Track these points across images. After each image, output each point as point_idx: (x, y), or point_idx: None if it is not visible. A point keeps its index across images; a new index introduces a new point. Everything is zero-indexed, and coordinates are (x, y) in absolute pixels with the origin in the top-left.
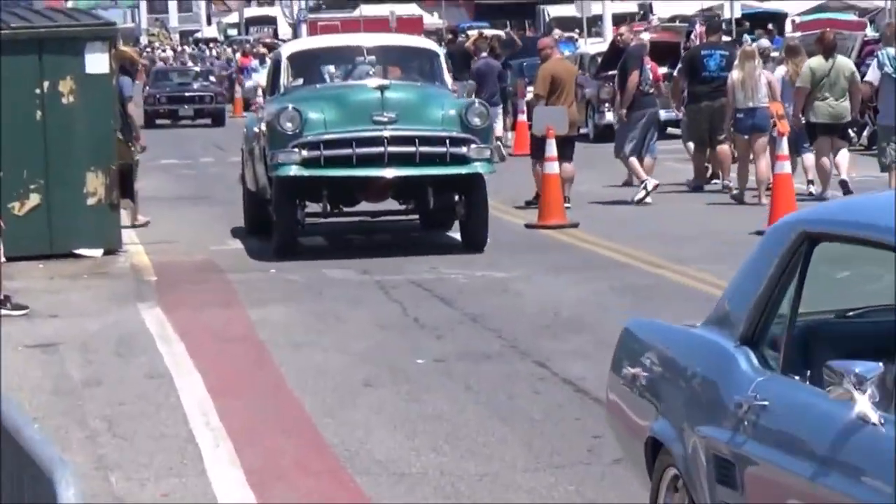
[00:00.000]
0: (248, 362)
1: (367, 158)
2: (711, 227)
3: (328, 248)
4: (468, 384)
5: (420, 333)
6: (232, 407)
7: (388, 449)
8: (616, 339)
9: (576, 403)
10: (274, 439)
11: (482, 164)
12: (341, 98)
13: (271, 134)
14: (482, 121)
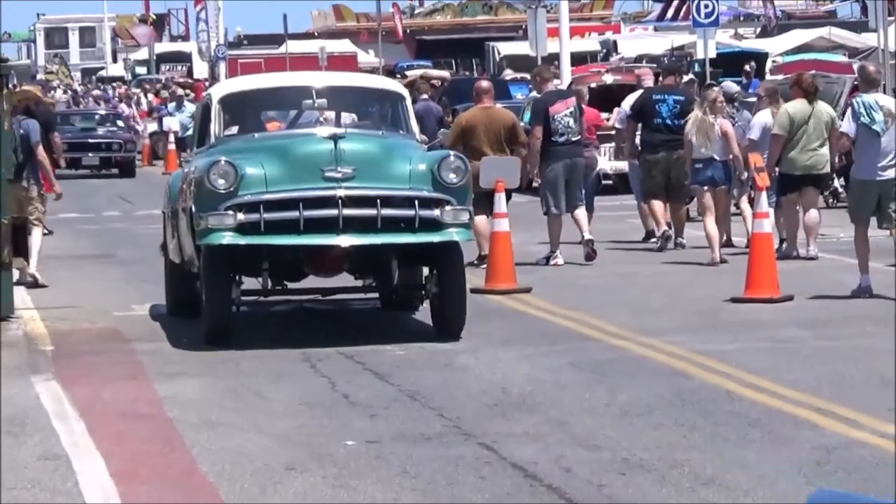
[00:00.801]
0: (155, 443)
1: (318, 224)
2: (681, 294)
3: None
4: (405, 469)
5: (350, 412)
6: (137, 493)
7: None
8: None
9: (525, 491)
10: None
11: (459, 231)
12: (285, 150)
13: (199, 193)
14: (459, 177)
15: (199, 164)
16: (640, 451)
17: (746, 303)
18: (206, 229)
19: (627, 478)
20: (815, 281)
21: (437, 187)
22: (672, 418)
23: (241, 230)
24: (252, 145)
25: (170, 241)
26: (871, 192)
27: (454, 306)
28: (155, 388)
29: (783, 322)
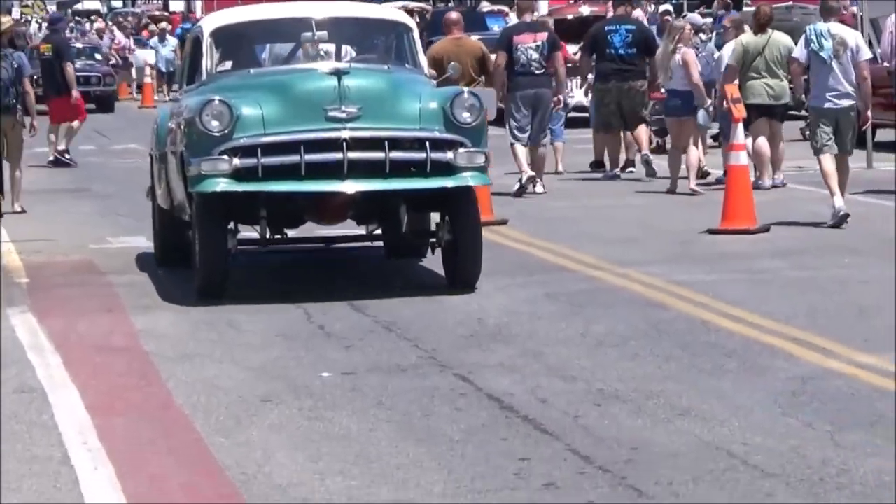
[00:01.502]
0: (131, 376)
1: (321, 168)
2: (657, 226)
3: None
4: (380, 400)
5: (326, 343)
6: (113, 426)
7: (290, 473)
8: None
9: (501, 422)
10: (160, 462)
11: (474, 175)
12: (285, 87)
13: (191, 136)
14: (473, 116)
15: (190, 103)
16: (615, 382)
17: (723, 234)
18: (199, 175)
19: (603, 408)
20: (790, 212)
21: (450, 127)
22: (648, 349)
23: (237, 176)
24: (248, 83)
25: (158, 185)
26: (827, 120)
27: (469, 255)
28: (131, 321)
29: (759, 253)
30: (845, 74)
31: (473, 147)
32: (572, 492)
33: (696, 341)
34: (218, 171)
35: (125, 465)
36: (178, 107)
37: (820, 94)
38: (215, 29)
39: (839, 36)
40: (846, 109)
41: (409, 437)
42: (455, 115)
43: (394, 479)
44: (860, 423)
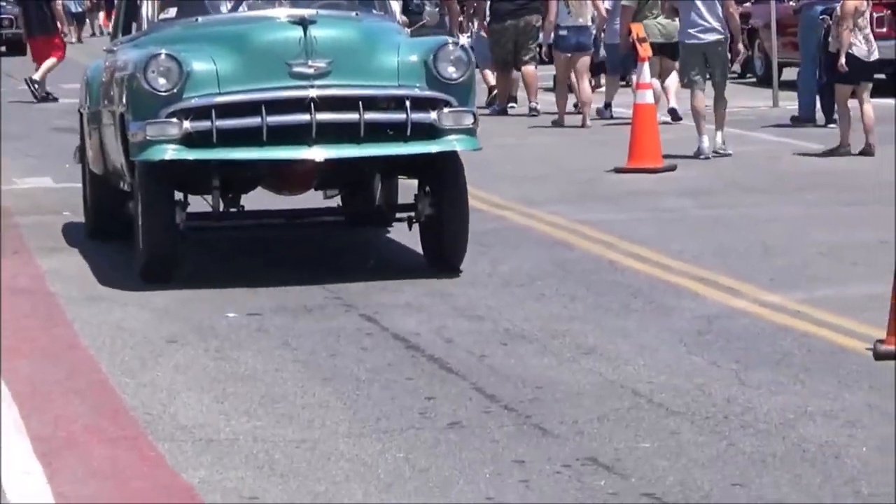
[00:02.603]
0: (36, 317)
1: (285, 132)
2: (562, 165)
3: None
4: (286, 340)
5: (231, 283)
6: (18, 367)
7: (195, 413)
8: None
9: (407, 362)
10: (65, 403)
11: (461, 139)
12: (242, 39)
13: (134, 95)
14: (460, 71)
15: (130, 56)
16: (521, 322)
17: (629, 173)
18: (143, 142)
19: (508, 348)
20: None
21: (433, 84)
22: (554, 289)
23: (187, 142)
24: (197, 33)
25: (89, 147)
26: (695, 55)
27: (455, 232)
28: (37, 263)
29: (666, 192)
30: (710, 10)
31: (460, 106)
32: (477, 430)
33: (602, 280)
34: (166, 136)
35: (30, 407)
36: (115, 60)
37: (687, 29)
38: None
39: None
40: (713, 44)
41: (315, 377)
42: (439, 70)
43: (299, 419)
44: (765, 362)
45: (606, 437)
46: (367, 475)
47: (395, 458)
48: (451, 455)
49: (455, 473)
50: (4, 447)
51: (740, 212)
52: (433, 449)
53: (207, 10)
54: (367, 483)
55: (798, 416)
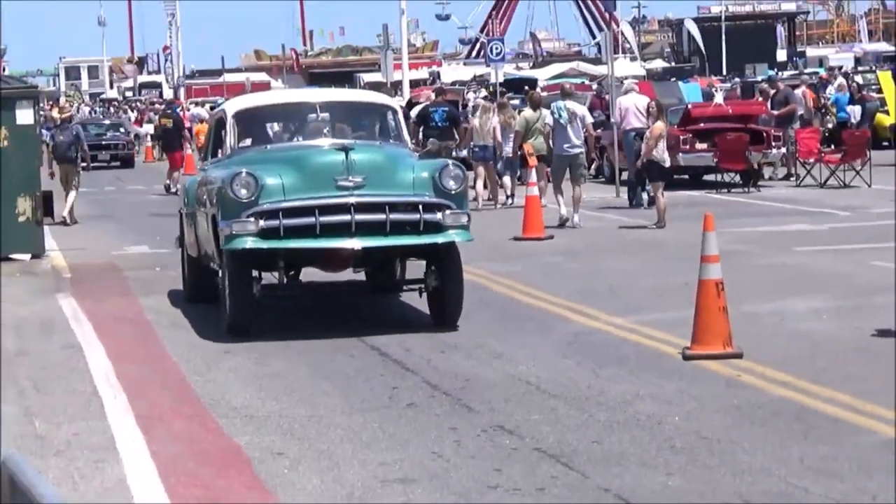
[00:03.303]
0: (138, 337)
1: (332, 228)
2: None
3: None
4: (300, 351)
5: (271, 312)
6: (127, 370)
7: (242, 398)
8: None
9: (380, 364)
10: (157, 393)
11: (458, 232)
12: (301, 161)
13: (223, 201)
14: (458, 184)
15: (220, 174)
16: (455, 337)
17: (524, 241)
18: (230, 235)
19: (446, 354)
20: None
21: (438, 193)
22: (477, 315)
23: (262, 235)
24: (267, 156)
25: (187, 237)
26: (563, 163)
27: (453, 299)
28: (139, 301)
29: (547, 252)
30: (575, 133)
31: (458, 209)
32: (426, 409)
33: (508, 310)
34: (246, 232)
35: (134, 395)
36: (206, 176)
37: (561, 146)
38: (237, 111)
39: (570, 109)
40: (576, 156)
41: (320, 375)
42: (443, 183)
43: (310, 402)
44: (612, 362)
45: (510, 413)
46: (354, 438)
47: (373, 427)
48: (408, 425)
49: (412, 437)
50: (118, 423)
51: (595, 265)
52: (397, 421)
53: (272, 140)
54: (353, 443)
55: (633, 397)
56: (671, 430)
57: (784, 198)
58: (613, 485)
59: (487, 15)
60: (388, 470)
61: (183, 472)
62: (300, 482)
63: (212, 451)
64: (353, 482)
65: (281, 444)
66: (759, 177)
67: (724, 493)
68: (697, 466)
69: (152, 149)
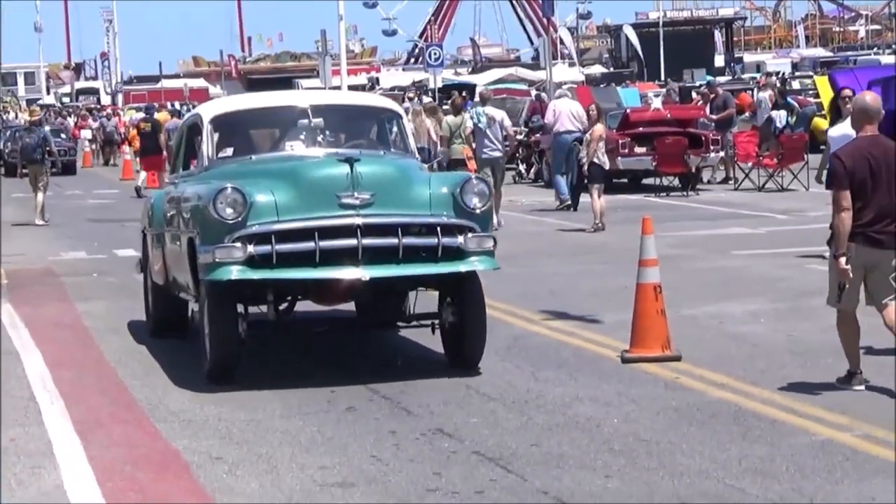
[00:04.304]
0: (76, 343)
1: (335, 254)
2: None
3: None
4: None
5: None
6: (64, 375)
7: (180, 403)
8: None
9: (322, 370)
10: (95, 398)
11: (482, 259)
12: (296, 175)
13: (204, 223)
14: (482, 202)
15: (197, 190)
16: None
17: None
18: (212, 264)
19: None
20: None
21: (459, 212)
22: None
23: (250, 263)
24: (254, 169)
25: (153, 262)
26: (484, 166)
27: (474, 337)
28: (76, 307)
29: None
30: (495, 137)
31: (481, 232)
32: (365, 413)
33: None
34: (231, 259)
35: (72, 400)
36: (179, 191)
37: (481, 149)
38: (215, 116)
39: (489, 115)
40: (496, 158)
41: (261, 381)
42: (465, 201)
43: (249, 406)
44: (551, 365)
45: (449, 416)
46: (293, 442)
47: (311, 430)
48: (347, 428)
49: (351, 440)
50: (55, 428)
51: (534, 269)
52: (336, 425)
53: (257, 150)
54: (292, 447)
55: (572, 399)
56: (610, 432)
57: (722, 201)
58: (552, 487)
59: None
60: (326, 474)
61: (121, 477)
62: (238, 486)
63: (150, 456)
64: (291, 486)
65: (219, 448)
66: (698, 180)
67: (662, 495)
68: (636, 468)
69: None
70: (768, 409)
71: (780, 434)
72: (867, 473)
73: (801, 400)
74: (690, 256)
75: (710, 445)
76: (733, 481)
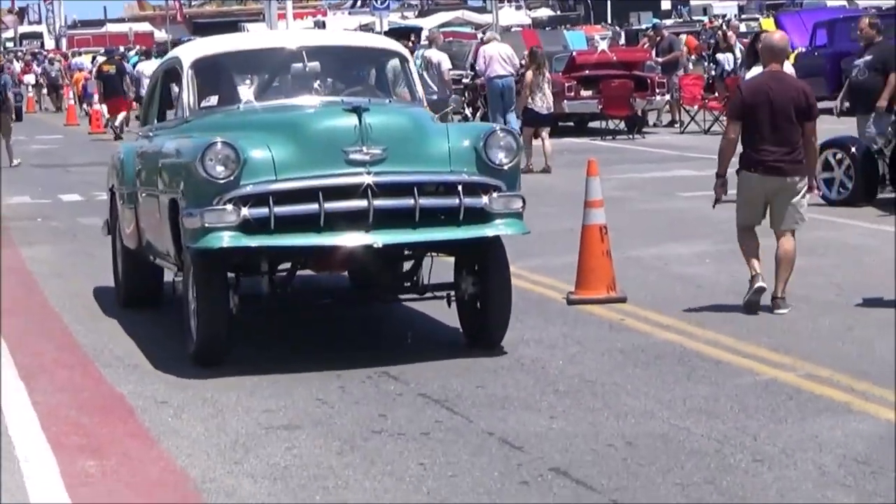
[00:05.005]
0: (20, 288)
1: (342, 218)
2: None
3: None
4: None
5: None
6: (8, 321)
7: (125, 348)
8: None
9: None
10: (40, 343)
11: (510, 222)
12: (296, 126)
13: (189, 182)
14: (510, 157)
15: (180, 144)
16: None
17: None
18: (201, 229)
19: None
20: None
21: (483, 169)
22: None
23: (244, 228)
24: (244, 121)
25: (124, 225)
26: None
27: (498, 311)
28: (20, 252)
29: None
30: (431, 80)
31: (509, 191)
32: (309, 356)
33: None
34: (223, 224)
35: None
36: (156, 145)
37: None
38: (197, 60)
39: (428, 56)
40: (433, 101)
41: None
42: (489, 156)
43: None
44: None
45: (394, 359)
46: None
47: (257, 374)
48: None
49: (296, 384)
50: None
51: None
52: (281, 368)
53: (245, 99)
54: (238, 391)
55: (517, 341)
56: (555, 373)
57: (668, 144)
58: (497, 428)
59: None
60: (272, 417)
61: (65, 422)
62: (184, 430)
63: (94, 401)
64: (237, 429)
65: (164, 392)
66: (644, 123)
67: (607, 435)
68: (581, 409)
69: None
70: (712, 349)
71: (725, 374)
72: (810, 412)
73: (745, 340)
74: (636, 199)
75: (654, 386)
76: (678, 421)
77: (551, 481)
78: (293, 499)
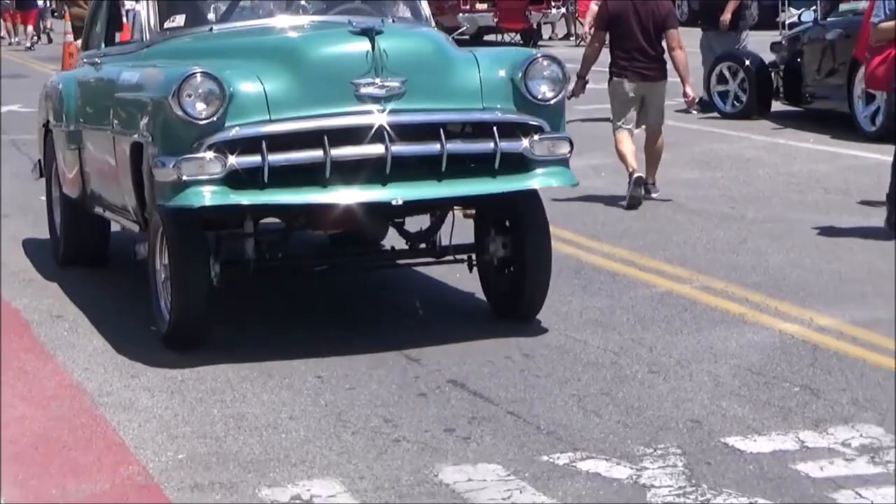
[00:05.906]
0: None
1: (352, 168)
2: None
3: None
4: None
5: None
6: None
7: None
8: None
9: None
10: None
11: (556, 171)
12: (293, 53)
13: (160, 123)
14: (555, 89)
15: (147, 75)
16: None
17: None
18: (177, 182)
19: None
20: None
21: (522, 105)
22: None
23: (232, 182)
24: (222, 46)
25: (65, 169)
26: None
27: (536, 279)
28: None
29: None
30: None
31: (553, 132)
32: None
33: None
34: (205, 176)
35: None
36: (109, 75)
37: None
38: None
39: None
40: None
41: None
42: (530, 89)
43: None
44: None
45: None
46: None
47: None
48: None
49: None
50: None
51: None
52: None
53: (219, 18)
54: (136, 301)
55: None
56: (453, 290)
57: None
58: (395, 341)
59: None
60: None
61: None
62: (80, 343)
63: None
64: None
65: (60, 307)
66: (539, 36)
67: (504, 347)
68: (478, 323)
69: None
70: (608, 262)
71: (621, 286)
72: (705, 324)
73: (641, 252)
74: None
75: (551, 298)
76: (575, 333)
77: (449, 393)
78: (191, 412)
